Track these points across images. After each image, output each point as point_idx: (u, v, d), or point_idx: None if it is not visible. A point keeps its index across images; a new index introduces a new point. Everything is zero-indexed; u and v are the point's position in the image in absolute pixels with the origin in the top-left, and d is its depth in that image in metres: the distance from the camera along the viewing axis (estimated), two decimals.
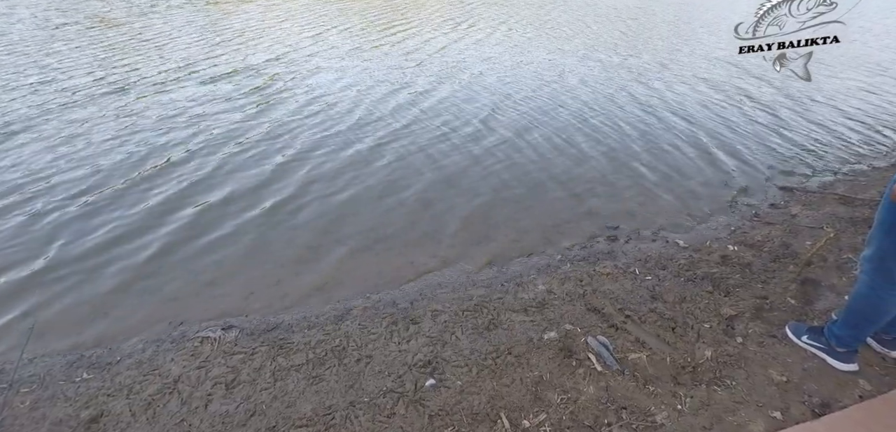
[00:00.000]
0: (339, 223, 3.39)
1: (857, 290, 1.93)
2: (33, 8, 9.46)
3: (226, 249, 3.06)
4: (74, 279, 2.75)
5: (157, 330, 2.40)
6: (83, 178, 3.79)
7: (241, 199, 3.61)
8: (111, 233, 3.15)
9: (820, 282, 2.66)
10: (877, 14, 14.31)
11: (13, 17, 9.44)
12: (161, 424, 1.82)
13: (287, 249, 3.09)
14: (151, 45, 8.03)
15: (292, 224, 3.35)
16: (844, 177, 4.35)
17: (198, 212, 3.42)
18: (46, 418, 1.84)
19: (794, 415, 1.83)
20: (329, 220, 3.41)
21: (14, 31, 8.59)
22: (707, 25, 12.32)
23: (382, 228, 3.34)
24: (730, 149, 4.86)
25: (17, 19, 9.26)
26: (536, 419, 1.82)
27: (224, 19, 10.54)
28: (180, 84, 6.14)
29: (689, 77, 7.44)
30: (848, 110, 6.17)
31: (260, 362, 2.12)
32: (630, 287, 2.65)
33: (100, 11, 9.99)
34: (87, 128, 4.68)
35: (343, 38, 9.35)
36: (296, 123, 5.08)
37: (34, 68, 6.50)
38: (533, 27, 11.29)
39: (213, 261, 2.95)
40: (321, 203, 3.62)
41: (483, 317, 2.40)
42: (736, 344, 2.19)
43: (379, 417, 1.83)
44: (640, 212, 3.66)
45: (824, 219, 3.43)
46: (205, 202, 3.54)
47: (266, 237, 3.20)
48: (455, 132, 5.04)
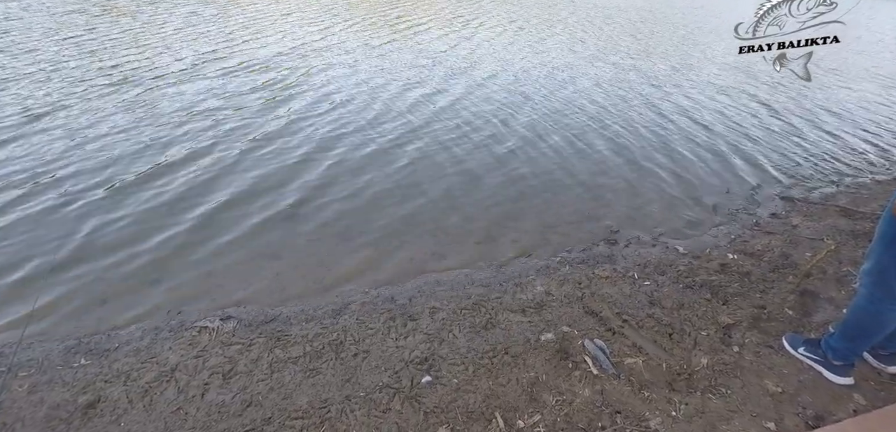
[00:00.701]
0: (339, 219, 3.39)
1: (855, 303, 1.93)
2: None
3: (225, 241, 3.06)
4: (74, 266, 2.76)
5: (156, 318, 2.41)
6: (84, 169, 3.79)
7: (241, 193, 3.60)
8: (111, 223, 3.16)
9: (819, 294, 2.66)
10: (891, 27, 14.23)
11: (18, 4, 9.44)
12: (157, 411, 1.83)
13: (287, 243, 3.09)
14: (158, 36, 8.03)
15: (292, 218, 3.36)
16: (846, 189, 4.34)
17: (199, 205, 3.42)
18: (44, 402, 1.85)
19: (788, 427, 1.84)
20: (329, 216, 3.41)
21: (20, 19, 8.59)
22: (714, 30, 12.28)
23: (382, 225, 3.35)
24: (732, 157, 4.86)
25: (24, 6, 9.26)
26: (531, 419, 1.82)
27: (231, 9, 10.53)
28: (186, 79, 6.14)
29: (694, 83, 7.42)
30: (855, 121, 6.16)
31: (257, 353, 2.13)
32: (628, 291, 2.66)
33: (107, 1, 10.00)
34: (91, 120, 4.69)
35: (351, 32, 9.34)
36: (300, 120, 5.08)
37: (43, 58, 6.50)
38: (544, 27, 11.26)
39: (213, 253, 2.95)
40: (322, 199, 3.62)
41: (481, 316, 2.40)
42: (732, 353, 2.20)
43: (374, 412, 1.84)
44: (641, 217, 3.66)
45: (825, 230, 3.43)
46: (206, 195, 3.55)
47: (266, 230, 3.20)
48: (456, 133, 5.03)
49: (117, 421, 1.79)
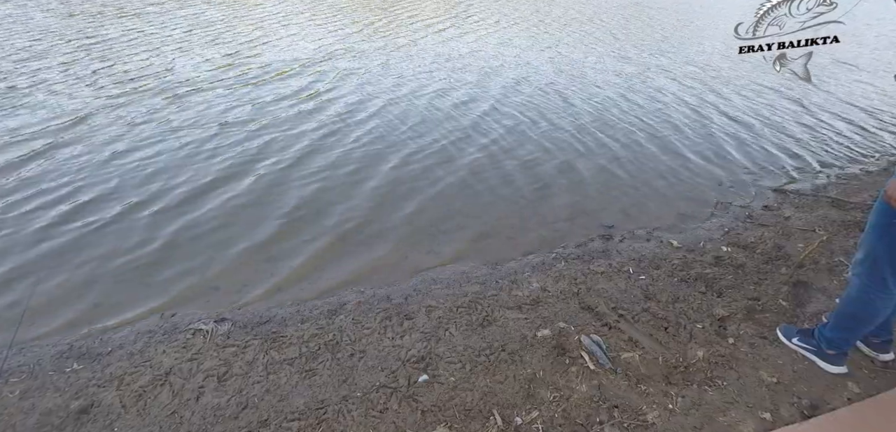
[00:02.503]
0: (334, 218, 3.37)
1: (848, 293, 1.95)
2: None
3: (218, 243, 3.04)
4: (65, 269, 2.72)
5: (149, 321, 2.38)
6: (72, 173, 3.76)
7: (235, 194, 3.58)
8: (103, 225, 3.12)
9: (811, 285, 2.69)
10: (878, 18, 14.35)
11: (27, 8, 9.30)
12: (152, 416, 1.81)
13: (282, 244, 3.07)
14: (171, 38, 7.96)
15: (287, 219, 3.33)
16: (837, 180, 4.38)
17: (191, 206, 3.39)
18: (36, 408, 1.83)
19: (784, 417, 1.85)
20: (325, 216, 3.39)
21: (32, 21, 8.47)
22: (706, 27, 12.35)
23: (377, 223, 3.33)
24: (724, 150, 4.88)
25: (33, 10, 9.12)
26: (529, 416, 1.82)
27: (240, 9, 10.45)
28: (198, 84, 6.08)
29: (685, 78, 7.46)
30: (846, 114, 6.21)
31: (252, 355, 2.11)
32: (624, 286, 2.66)
33: None
34: (88, 119, 4.64)
35: (363, 33, 9.30)
36: (294, 119, 5.05)
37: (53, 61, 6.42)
38: (522, 25, 11.27)
39: (207, 254, 2.92)
40: (317, 199, 3.60)
41: (477, 314, 2.40)
42: (727, 345, 2.21)
43: (372, 412, 1.83)
44: (635, 212, 3.67)
45: (817, 221, 3.46)
46: (197, 197, 3.52)
47: (260, 231, 3.18)
48: (452, 129, 5.02)
49: (111, 426, 1.77)
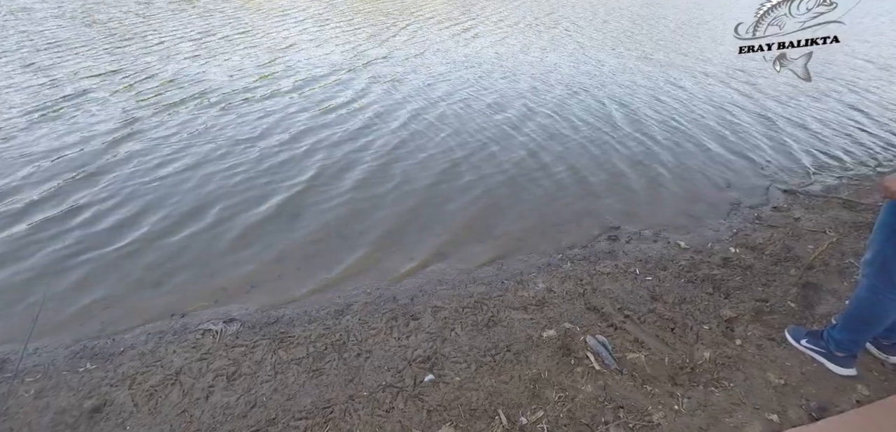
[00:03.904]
0: (341, 220, 3.40)
1: (857, 294, 1.93)
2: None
3: (227, 244, 3.08)
4: (78, 271, 2.77)
5: (160, 322, 2.42)
6: (88, 172, 3.83)
7: (241, 198, 3.62)
8: (115, 227, 3.18)
9: (821, 287, 2.66)
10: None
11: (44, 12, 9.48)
12: (163, 414, 1.84)
13: (289, 244, 3.10)
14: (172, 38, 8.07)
15: (293, 220, 3.37)
16: (849, 181, 4.33)
17: (200, 209, 3.44)
18: (50, 407, 1.87)
19: (792, 419, 1.83)
20: (330, 217, 3.42)
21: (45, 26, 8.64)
22: (713, 25, 12.26)
23: (384, 225, 3.35)
24: (733, 150, 4.84)
25: (46, 15, 9.30)
26: (534, 416, 1.83)
27: (249, 16, 10.56)
28: (211, 96, 6.16)
29: (695, 77, 7.41)
30: (858, 114, 6.13)
31: (261, 355, 2.14)
32: (630, 287, 2.66)
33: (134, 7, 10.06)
34: (88, 121, 4.72)
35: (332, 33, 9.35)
36: (299, 121, 5.09)
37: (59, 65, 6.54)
38: (521, 28, 11.26)
39: (216, 256, 2.96)
40: (323, 200, 3.62)
41: (483, 314, 2.41)
42: (735, 347, 2.20)
43: (378, 411, 1.85)
44: (642, 213, 3.66)
45: (827, 222, 3.42)
46: (205, 200, 3.56)
47: (268, 232, 3.21)
48: (455, 134, 5.04)
49: (123, 424, 1.80)
